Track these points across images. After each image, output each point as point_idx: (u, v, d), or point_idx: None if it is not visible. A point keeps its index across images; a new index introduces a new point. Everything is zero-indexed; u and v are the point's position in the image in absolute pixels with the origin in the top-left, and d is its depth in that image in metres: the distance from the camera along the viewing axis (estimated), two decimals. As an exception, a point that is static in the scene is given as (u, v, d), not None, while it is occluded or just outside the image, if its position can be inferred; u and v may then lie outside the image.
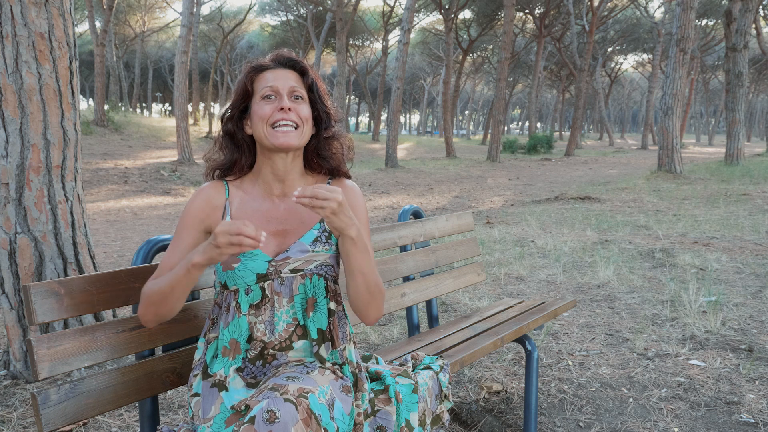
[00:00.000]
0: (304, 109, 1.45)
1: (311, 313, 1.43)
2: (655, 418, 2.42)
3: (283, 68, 1.46)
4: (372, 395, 1.45)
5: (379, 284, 1.43)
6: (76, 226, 2.89)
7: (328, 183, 1.54)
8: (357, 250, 1.36)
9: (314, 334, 1.43)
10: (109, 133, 21.03)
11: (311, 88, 1.48)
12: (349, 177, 1.57)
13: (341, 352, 1.45)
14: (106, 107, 23.12)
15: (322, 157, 1.52)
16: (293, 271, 1.42)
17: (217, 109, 53.65)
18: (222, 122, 1.51)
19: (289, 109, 1.41)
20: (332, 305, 1.47)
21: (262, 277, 1.41)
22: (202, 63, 47.08)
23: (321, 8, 31.68)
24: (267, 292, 1.41)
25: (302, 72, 1.48)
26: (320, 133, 1.50)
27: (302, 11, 37.08)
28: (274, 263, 1.41)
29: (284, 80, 1.44)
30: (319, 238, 1.46)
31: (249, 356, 1.40)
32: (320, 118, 1.50)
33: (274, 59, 1.47)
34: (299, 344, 1.42)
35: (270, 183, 1.48)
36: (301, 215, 1.48)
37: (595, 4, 28.89)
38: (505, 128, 73.71)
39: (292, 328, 1.41)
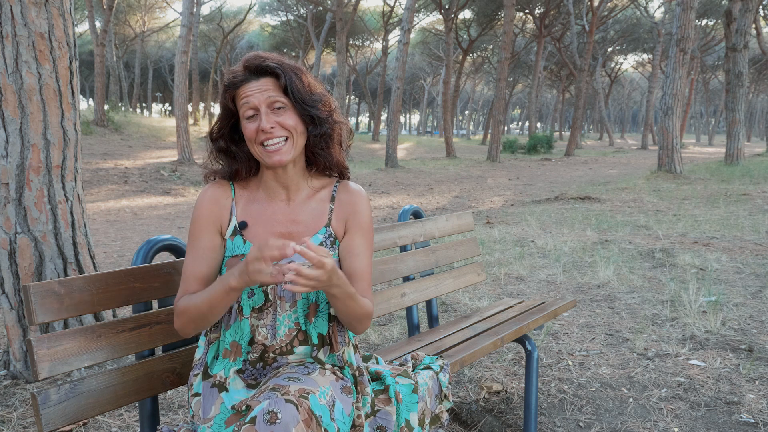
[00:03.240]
0: (289, 119, 1.37)
1: (313, 319, 1.42)
2: (655, 418, 2.42)
3: (257, 78, 1.37)
4: (372, 395, 1.45)
5: (363, 315, 1.40)
6: (76, 226, 2.89)
7: (335, 188, 1.50)
8: (337, 300, 1.33)
9: (315, 340, 1.42)
10: (109, 133, 21.03)
11: (286, 91, 1.37)
12: (346, 169, 1.52)
13: (340, 356, 1.45)
14: (106, 107, 23.12)
15: (317, 155, 1.46)
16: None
17: (216, 109, 53.60)
18: (212, 140, 1.45)
19: (272, 127, 1.35)
20: (333, 311, 1.46)
21: None
22: (202, 63, 47.09)
23: (321, 8, 31.67)
24: (270, 296, 1.40)
25: (276, 75, 1.37)
26: (310, 131, 1.42)
27: (302, 11, 37.08)
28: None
29: (260, 93, 1.36)
30: (324, 243, 1.45)
31: (250, 359, 1.40)
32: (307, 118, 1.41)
33: (246, 68, 1.38)
34: (300, 349, 1.41)
35: (274, 189, 1.45)
36: (307, 219, 1.46)
37: (595, 4, 28.89)
38: (505, 128, 73.71)
39: (294, 333, 1.41)
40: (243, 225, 1.43)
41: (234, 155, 1.45)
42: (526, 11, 32.90)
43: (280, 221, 1.44)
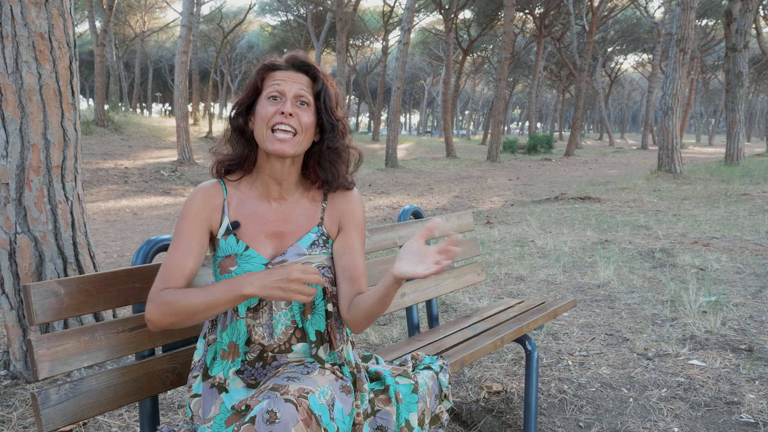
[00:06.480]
0: (307, 117, 1.40)
1: (309, 316, 1.43)
2: (655, 418, 2.42)
3: (295, 71, 1.42)
4: (372, 395, 1.45)
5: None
6: (76, 226, 2.89)
7: (325, 193, 1.51)
8: (390, 293, 1.34)
9: (312, 337, 1.43)
10: (109, 133, 21.03)
11: (319, 96, 1.43)
12: (349, 189, 1.52)
13: (339, 353, 1.45)
14: (106, 107, 23.12)
15: (321, 167, 1.47)
16: None
17: (217, 109, 53.65)
18: (230, 117, 1.47)
19: (290, 114, 1.37)
20: (330, 307, 1.46)
21: None
22: (202, 63, 47.08)
23: (321, 8, 31.68)
24: None
25: (314, 77, 1.43)
26: (323, 142, 1.45)
27: (302, 11, 37.10)
28: (270, 266, 1.40)
29: (292, 83, 1.40)
30: (316, 242, 1.45)
31: (248, 359, 1.40)
32: (325, 128, 1.44)
33: (288, 60, 1.44)
34: (298, 347, 1.42)
35: (268, 185, 1.45)
36: (298, 218, 1.46)
37: (595, 4, 28.89)
38: (505, 128, 73.74)
39: (291, 331, 1.41)
40: (236, 225, 1.43)
41: (248, 137, 1.46)
42: (526, 11, 32.89)
43: (272, 220, 1.45)
